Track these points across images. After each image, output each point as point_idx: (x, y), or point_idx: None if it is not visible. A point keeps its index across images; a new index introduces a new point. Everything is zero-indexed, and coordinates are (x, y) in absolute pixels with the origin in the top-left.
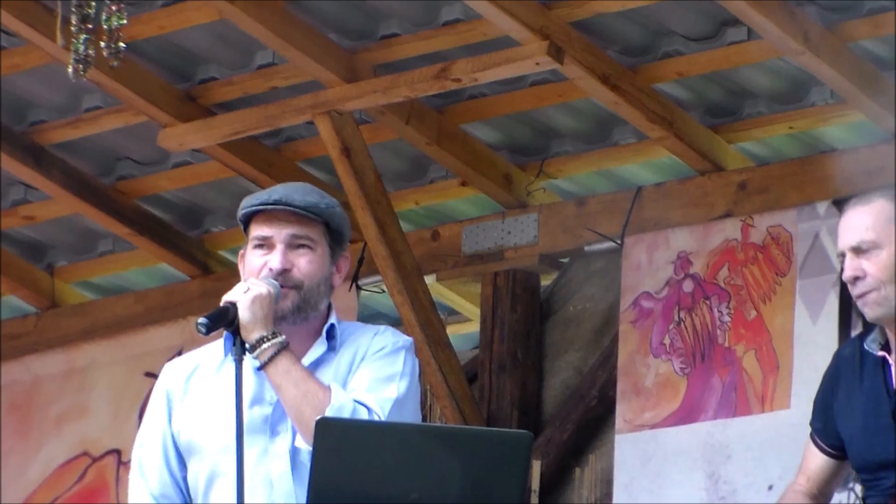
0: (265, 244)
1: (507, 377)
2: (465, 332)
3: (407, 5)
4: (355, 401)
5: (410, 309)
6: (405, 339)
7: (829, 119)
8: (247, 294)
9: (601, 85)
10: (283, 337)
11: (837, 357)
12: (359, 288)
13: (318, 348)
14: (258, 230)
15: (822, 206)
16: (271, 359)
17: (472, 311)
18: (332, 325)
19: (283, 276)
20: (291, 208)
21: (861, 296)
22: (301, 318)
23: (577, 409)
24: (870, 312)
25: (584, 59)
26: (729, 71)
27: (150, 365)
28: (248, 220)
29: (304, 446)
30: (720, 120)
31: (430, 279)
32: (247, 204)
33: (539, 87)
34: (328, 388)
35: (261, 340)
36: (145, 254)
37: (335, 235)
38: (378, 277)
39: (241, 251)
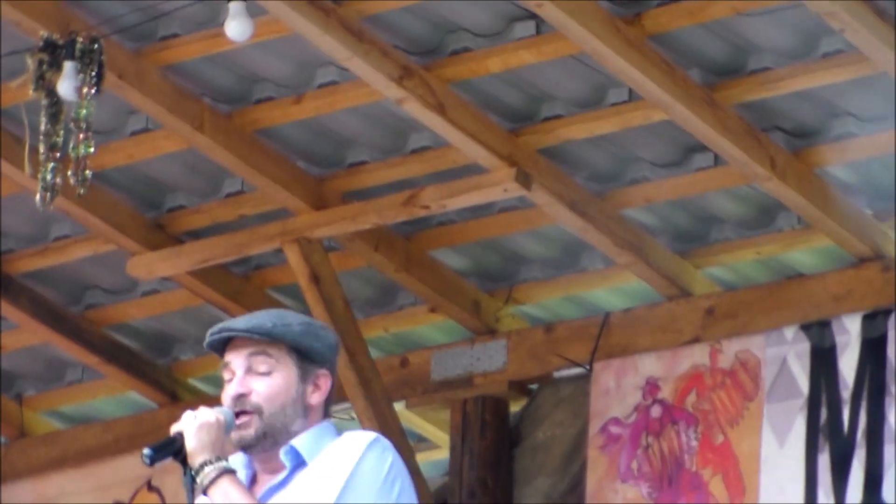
0: (230, 374)
1: None
2: (434, 460)
3: (375, 132)
4: None
5: None
6: (364, 440)
7: (796, 244)
8: (194, 422)
9: (569, 211)
10: (227, 462)
11: None
12: (328, 415)
13: (281, 474)
14: (223, 358)
15: (790, 332)
16: (212, 482)
17: (441, 438)
18: (292, 447)
19: (240, 400)
20: (233, 332)
21: None
22: (269, 444)
23: None
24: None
25: (552, 186)
26: (696, 197)
27: (120, 495)
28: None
29: None
30: (688, 245)
31: (399, 406)
32: (206, 339)
33: (507, 213)
34: None
35: (203, 465)
36: (114, 382)
37: (304, 354)
38: (348, 404)
39: None
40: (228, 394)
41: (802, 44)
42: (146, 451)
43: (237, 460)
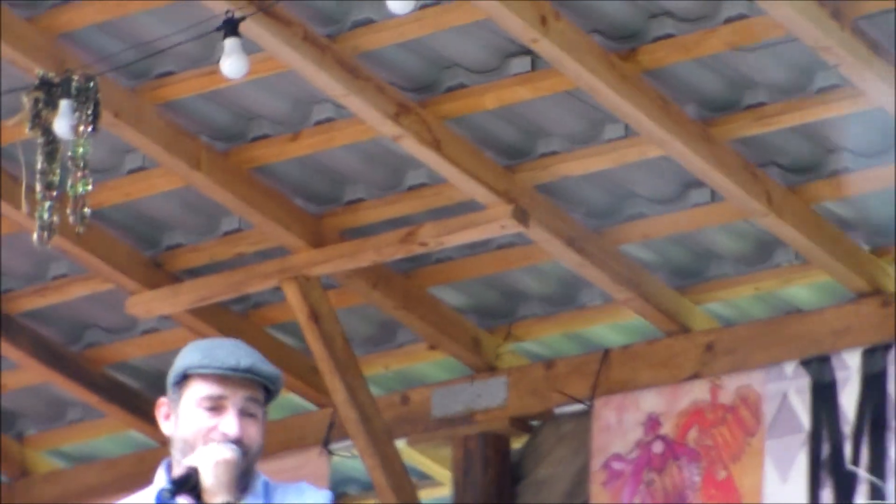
0: (216, 406)
1: None
2: (436, 497)
3: (372, 170)
4: None
5: (382, 473)
6: (329, 495)
7: (794, 280)
8: (211, 459)
9: (567, 248)
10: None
11: None
12: (329, 452)
13: (255, 500)
14: (210, 389)
15: (790, 367)
16: None
17: (443, 474)
18: (267, 482)
19: (236, 443)
20: (260, 378)
21: None
22: (243, 483)
23: None
24: None
25: (550, 222)
26: (693, 233)
27: None
28: (189, 373)
29: None
30: (686, 281)
31: (400, 443)
32: (206, 363)
33: (505, 250)
34: None
35: None
36: (115, 421)
37: (269, 401)
38: (349, 442)
39: (163, 399)
40: (227, 433)
41: (798, 79)
42: (167, 485)
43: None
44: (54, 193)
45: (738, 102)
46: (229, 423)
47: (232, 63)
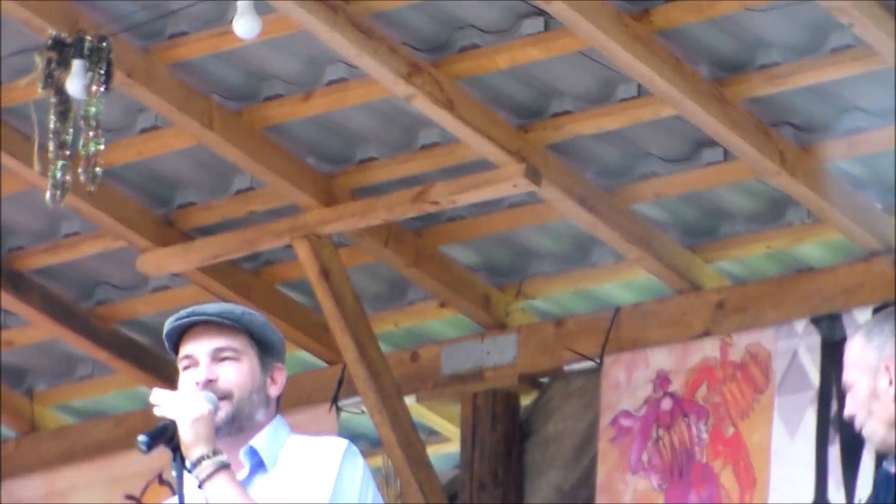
0: (191, 363)
1: (488, 496)
2: (445, 452)
3: (384, 129)
4: None
5: (391, 430)
6: (340, 446)
7: (805, 238)
8: (188, 413)
9: (579, 206)
10: (224, 456)
11: None
12: (339, 409)
13: (240, 472)
14: (183, 350)
15: (801, 325)
16: (209, 476)
17: (452, 431)
18: (252, 448)
19: (209, 387)
20: (205, 317)
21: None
22: (236, 428)
23: None
24: (869, 445)
25: (562, 181)
26: (706, 191)
27: (131, 487)
28: (177, 349)
29: None
30: (697, 240)
31: (409, 400)
32: (168, 322)
33: (517, 208)
34: None
35: (200, 459)
36: (124, 377)
37: (263, 346)
38: (358, 399)
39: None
40: (195, 380)
41: (811, 39)
42: (143, 438)
43: None
44: (67, 153)
45: (751, 62)
46: (199, 371)
47: (245, 23)
